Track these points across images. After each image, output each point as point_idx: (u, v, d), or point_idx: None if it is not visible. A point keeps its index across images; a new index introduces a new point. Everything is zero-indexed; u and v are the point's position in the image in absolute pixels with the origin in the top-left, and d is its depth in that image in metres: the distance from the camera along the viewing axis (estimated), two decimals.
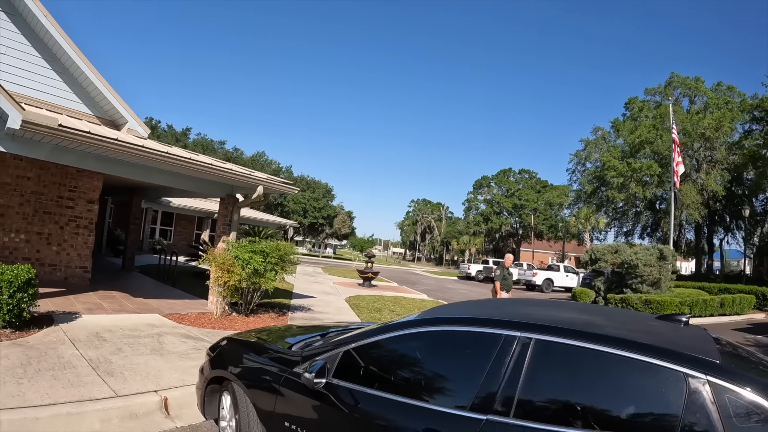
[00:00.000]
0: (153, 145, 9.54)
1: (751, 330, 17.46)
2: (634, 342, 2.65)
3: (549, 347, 2.79)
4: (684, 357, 2.47)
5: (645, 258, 20.26)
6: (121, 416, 4.68)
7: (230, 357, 4.37)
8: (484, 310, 3.68)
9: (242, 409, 3.85)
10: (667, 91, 47.83)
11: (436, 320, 3.47)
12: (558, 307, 4.17)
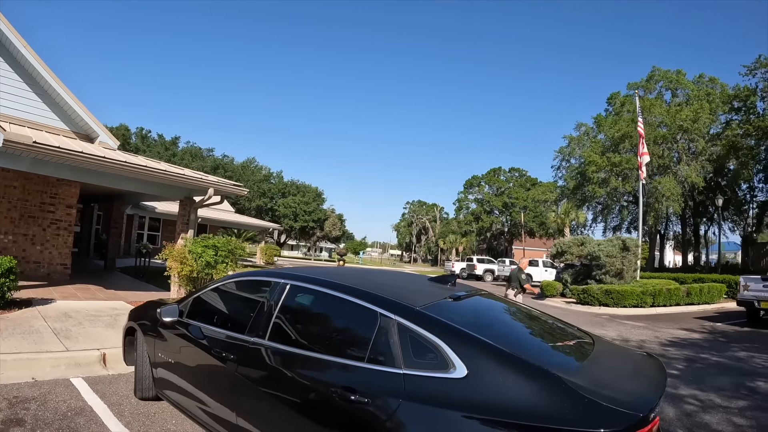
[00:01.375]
0: (115, 156, 10.97)
1: (713, 318, 17.92)
2: (354, 289, 3.52)
3: (299, 289, 3.87)
4: (383, 301, 3.27)
5: (607, 249, 20.82)
6: (68, 364, 6.29)
7: (138, 312, 5.71)
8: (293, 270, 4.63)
9: (139, 349, 5.27)
10: (649, 85, 48.20)
11: (243, 274, 4.77)
12: (366, 272, 5.30)
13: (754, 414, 6.53)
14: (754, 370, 9.37)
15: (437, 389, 2.72)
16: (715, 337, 13.46)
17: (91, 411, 4.98)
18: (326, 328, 3.77)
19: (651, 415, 2.46)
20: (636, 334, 13.53)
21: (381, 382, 2.88)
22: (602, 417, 2.35)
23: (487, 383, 2.66)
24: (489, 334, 3.04)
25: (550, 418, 2.39)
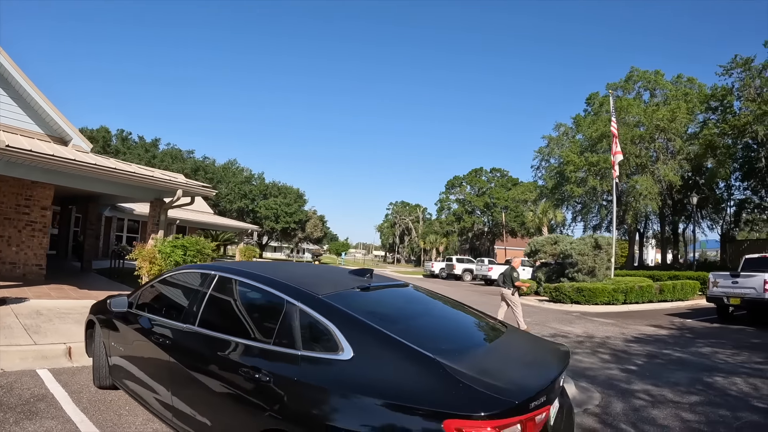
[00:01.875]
0: (86, 158, 11.27)
1: (685, 315, 17.89)
2: (268, 279, 3.85)
3: (226, 280, 4.18)
4: (290, 290, 3.59)
5: (579, 248, 20.80)
6: (35, 357, 6.58)
7: (97, 306, 5.91)
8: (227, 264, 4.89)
9: (97, 340, 5.59)
10: (628, 85, 48.54)
11: (183, 267, 5.16)
12: (292, 265, 5.69)
13: (704, 409, 6.41)
14: (714, 365, 9.28)
15: (327, 369, 3.00)
16: (682, 333, 13.40)
17: (52, 398, 5.37)
18: (244, 314, 4.02)
19: (531, 404, 2.60)
20: (602, 330, 13.44)
21: (282, 362, 3.19)
22: (475, 402, 2.49)
23: (371, 365, 2.90)
24: (381, 321, 3.28)
25: (426, 400, 2.56)
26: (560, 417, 3.31)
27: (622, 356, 9.87)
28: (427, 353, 2.84)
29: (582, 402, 6.58)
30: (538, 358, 3.63)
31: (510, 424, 2.48)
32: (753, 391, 7.42)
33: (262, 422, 3.08)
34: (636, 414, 6.14)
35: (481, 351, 3.44)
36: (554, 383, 3.03)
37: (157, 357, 4.27)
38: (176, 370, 3.99)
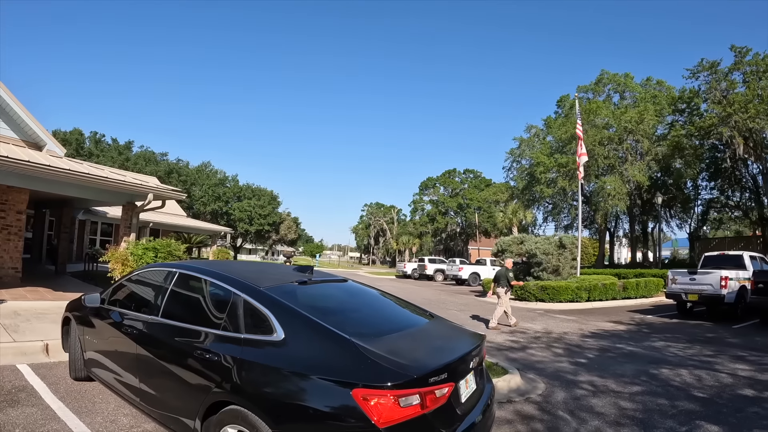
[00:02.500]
0: (60, 164, 11.61)
1: (647, 311, 18.27)
2: (219, 274, 4.38)
3: (186, 277, 4.69)
4: (236, 283, 4.10)
5: (544, 247, 21.04)
6: (14, 353, 6.92)
7: (73, 304, 6.34)
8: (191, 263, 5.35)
9: (72, 335, 6.04)
10: (598, 87, 49.13)
11: (149, 265, 5.60)
12: (243, 263, 6.08)
13: (643, 398, 6.62)
14: (664, 358, 9.54)
15: (263, 349, 3.53)
16: (640, 329, 13.68)
17: (32, 389, 5.75)
18: (199, 305, 4.45)
19: (430, 379, 3.07)
20: (561, 327, 13.69)
21: (228, 344, 3.71)
22: (379, 375, 2.96)
23: (299, 345, 3.41)
24: (311, 309, 3.77)
25: (339, 373, 3.06)
26: (475, 396, 3.80)
27: (575, 350, 10.10)
28: (344, 335, 3.34)
29: (526, 391, 6.80)
30: (447, 343, 4.06)
31: (409, 394, 2.94)
32: (696, 381, 7.66)
33: (215, 394, 3.58)
34: (576, 402, 6.35)
35: (397, 335, 3.83)
36: (457, 364, 3.49)
37: (127, 346, 4.73)
38: (143, 357, 4.48)
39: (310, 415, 3.04)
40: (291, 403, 3.12)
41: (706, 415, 5.94)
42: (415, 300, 14.58)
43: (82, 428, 4.71)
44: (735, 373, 8.33)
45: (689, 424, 5.59)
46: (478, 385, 3.93)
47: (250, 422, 3.25)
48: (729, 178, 41.99)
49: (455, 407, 3.36)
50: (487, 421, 3.85)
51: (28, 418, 4.86)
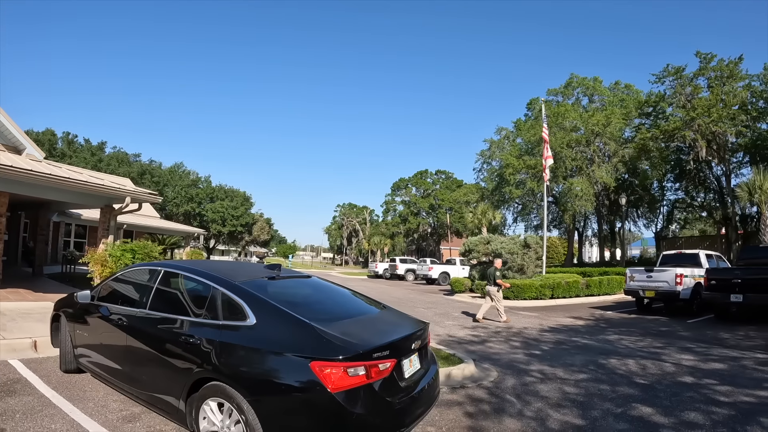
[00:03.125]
0: (42, 168, 12.06)
1: (608, 307, 18.92)
2: (200, 271, 5.06)
3: (170, 274, 5.35)
4: (214, 279, 4.76)
5: (509, 247, 21.60)
6: (5, 350, 7.36)
7: (62, 302, 6.91)
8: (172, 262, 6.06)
9: (62, 330, 6.56)
10: (567, 91, 50.02)
11: (135, 265, 6.46)
12: (219, 262, 6.56)
13: (587, 384, 7.08)
14: (614, 350, 10.05)
15: (238, 332, 4.18)
16: (597, 323, 14.24)
17: (26, 380, 6.21)
18: (183, 297, 5.06)
19: (374, 354, 3.79)
20: (522, 322, 14.21)
21: (209, 329, 4.36)
22: (332, 350, 3.69)
23: (268, 328, 4.10)
24: (278, 299, 4.45)
25: (301, 350, 3.75)
26: (420, 374, 4.49)
27: (532, 343, 10.57)
28: (304, 320, 4.06)
29: (479, 378, 7.27)
30: (391, 327, 4.72)
31: (356, 365, 3.64)
32: (640, 370, 8.16)
33: (198, 372, 4.22)
34: (523, 388, 6.82)
35: (349, 321, 4.58)
36: (399, 343, 4.21)
37: (117, 338, 5.34)
38: (133, 346, 5.07)
39: (277, 384, 3.75)
40: (261, 375, 3.84)
41: (642, 398, 6.40)
42: (385, 299, 15.04)
43: (77, 413, 5.17)
44: (679, 362, 8.82)
45: (625, 405, 6.04)
46: (422, 366, 4.62)
47: (228, 394, 3.92)
48: (693, 180, 43.00)
49: (398, 380, 4.06)
50: (430, 395, 4.53)
51: (26, 405, 5.32)
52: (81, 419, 5.01)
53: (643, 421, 5.47)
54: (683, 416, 5.68)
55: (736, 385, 7.22)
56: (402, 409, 4.01)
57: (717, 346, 10.59)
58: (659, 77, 41.72)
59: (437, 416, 5.59)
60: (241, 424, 3.86)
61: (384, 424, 3.87)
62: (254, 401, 3.79)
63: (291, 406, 3.70)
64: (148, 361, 4.84)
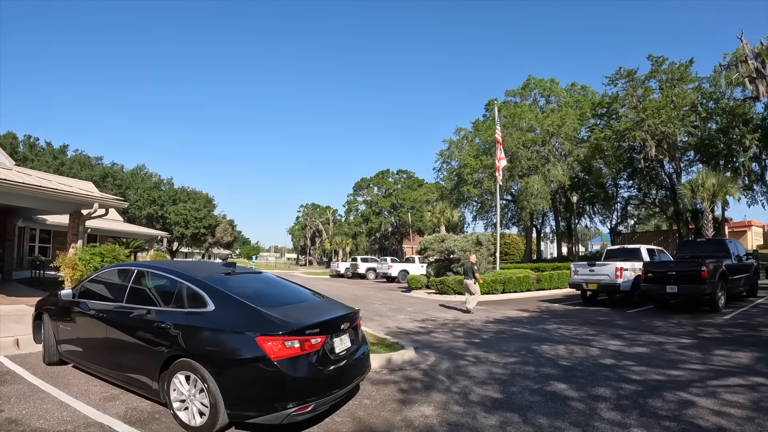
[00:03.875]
0: (16, 177, 12.87)
1: (556, 300, 19.85)
2: (169, 269, 6.06)
3: (143, 272, 6.30)
4: (181, 275, 5.74)
5: (461, 245, 22.41)
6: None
7: (43, 301, 7.80)
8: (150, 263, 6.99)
9: (45, 327, 7.37)
10: (525, 92, 51.27)
11: (111, 266, 7.23)
12: (186, 261, 7.90)
13: (515, 366, 7.82)
14: (549, 337, 10.81)
15: (201, 316, 5.15)
16: (541, 315, 15.04)
17: (14, 372, 6.95)
18: (155, 291, 6.00)
19: (306, 331, 4.82)
20: (470, 315, 14.97)
21: (176, 316, 5.31)
22: (273, 328, 4.71)
23: (224, 312, 5.10)
24: (232, 290, 5.45)
25: (250, 328, 4.76)
26: (350, 351, 5.48)
27: (474, 333, 11.31)
28: (252, 305, 5.12)
29: (417, 362, 8.04)
30: (324, 312, 5.65)
31: (292, 339, 4.67)
32: (567, 354, 8.90)
33: (168, 352, 5.12)
34: (456, 369, 7.55)
35: (290, 306, 5.63)
36: (328, 323, 5.23)
37: (97, 329, 6.20)
38: (112, 335, 5.93)
39: (232, 356, 4.75)
40: (219, 350, 4.82)
41: (560, 377, 7.11)
42: (343, 297, 15.66)
43: (64, 396, 5.96)
44: (606, 347, 9.57)
45: (543, 383, 6.75)
46: (353, 344, 5.65)
47: (193, 367, 4.84)
48: (646, 177, 44.51)
49: (329, 354, 5.05)
50: (360, 368, 5.59)
51: (18, 392, 6.08)
52: (68, 400, 5.77)
53: (555, 395, 6.16)
54: (593, 391, 6.36)
55: (652, 365, 7.89)
56: (332, 377, 4.98)
57: (647, 333, 11.33)
58: (612, 79, 43.13)
59: (374, 392, 6.35)
60: (204, 392, 4.76)
61: (317, 388, 4.77)
62: (214, 371, 4.72)
63: (243, 373, 4.66)
64: (126, 346, 5.70)
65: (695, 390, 6.45)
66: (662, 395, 6.22)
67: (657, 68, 40.37)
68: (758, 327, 11.92)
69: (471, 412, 5.51)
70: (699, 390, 6.45)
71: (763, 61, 31.67)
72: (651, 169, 42.87)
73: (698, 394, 6.27)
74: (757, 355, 8.70)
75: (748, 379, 7.03)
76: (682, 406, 5.73)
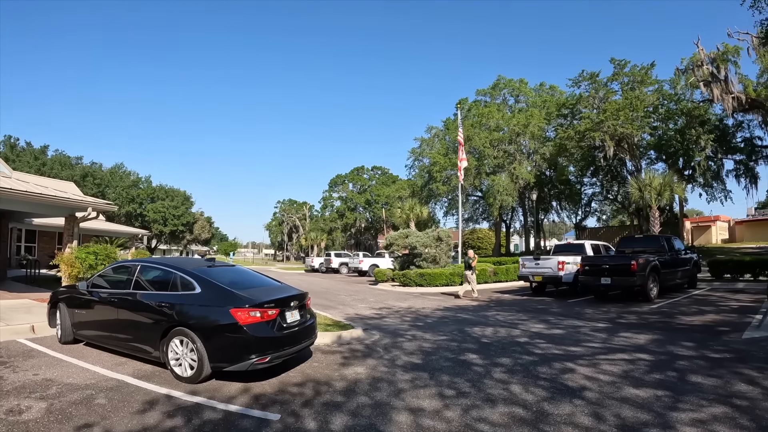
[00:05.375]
0: (19, 186, 14.43)
1: (509, 291, 21.67)
2: (166, 263, 8.11)
3: (145, 267, 8.12)
4: (176, 267, 7.67)
5: (423, 240, 24.17)
6: (11, 333, 9.63)
7: (57, 293, 9.50)
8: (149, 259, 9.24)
9: (62, 313, 9.00)
10: (495, 92, 52.99)
11: (118, 262, 9.36)
12: (176, 258, 9.81)
13: (441, 342, 9.61)
14: (484, 321, 12.48)
15: (191, 296, 7.00)
16: (488, 304, 16.80)
17: (37, 350, 8.59)
18: (155, 280, 7.75)
19: (264, 305, 6.76)
20: (424, 304, 16.74)
21: (173, 297, 7.15)
22: (242, 302, 6.70)
23: (207, 293, 6.97)
24: (213, 277, 7.35)
25: (225, 303, 6.72)
26: (299, 321, 7.42)
27: (420, 318, 13.12)
28: (227, 288, 7.07)
29: (363, 339, 9.95)
30: (280, 293, 7.58)
31: (254, 310, 6.60)
32: (492, 334, 10.56)
33: (167, 323, 6.95)
34: (393, 344, 9.39)
35: (254, 289, 7.52)
36: (281, 300, 7.15)
37: (108, 311, 7.92)
38: (122, 315, 7.67)
39: (213, 323, 6.60)
40: (204, 319, 6.67)
41: (476, 350, 8.82)
42: (312, 289, 17.47)
43: (82, 363, 7.66)
44: (528, 329, 11.15)
45: (459, 354, 8.50)
46: (302, 317, 7.56)
47: (186, 333, 6.70)
48: (607, 175, 46.59)
49: (282, 322, 6.98)
50: (306, 335, 7.54)
51: (45, 362, 7.72)
52: (87, 366, 7.51)
53: (464, 362, 7.87)
54: (496, 360, 8.01)
55: (558, 343, 9.37)
56: (284, 338, 6.90)
57: (572, 319, 12.78)
58: (575, 81, 45.25)
59: (323, 358, 8.20)
60: (194, 351, 6.59)
61: (272, 345, 6.66)
62: (201, 335, 6.56)
63: (220, 335, 6.53)
64: (133, 322, 7.47)
65: (582, 362, 7.77)
66: (551, 364, 7.59)
67: (619, 71, 42.45)
68: (675, 315, 13.14)
69: (392, 371, 7.28)
70: (585, 362, 7.77)
71: (718, 66, 33.67)
72: (612, 167, 44.97)
73: (582, 364, 7.58)
74: (655, 338, 9.87)
75: (633, 355, 8.26)
76: (562, 372, 7.10)
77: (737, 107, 34.11)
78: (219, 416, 5.30)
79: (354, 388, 6.37)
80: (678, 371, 7.12)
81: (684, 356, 8.13)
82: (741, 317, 12.29)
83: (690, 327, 11.13)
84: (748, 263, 22.99)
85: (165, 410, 5.47)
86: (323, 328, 10.17)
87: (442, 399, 5.86)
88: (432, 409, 5.47)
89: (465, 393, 6.10)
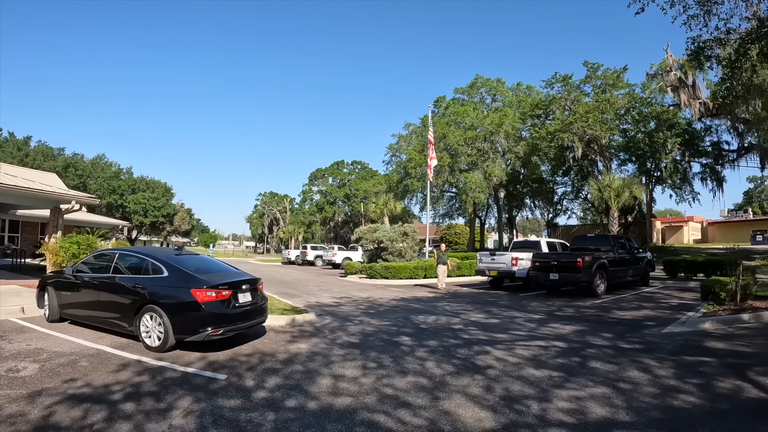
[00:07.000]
0: (8, 180, 15.42)
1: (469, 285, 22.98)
2: (141, 251, 9.64)
3: (122, 254, 9.55)
4: (148, 255, 9.16)
5: (389, 235, 25.51)
6: (2, 313, 10.74)
7: (45, 278, 10.78)
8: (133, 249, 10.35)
9: (49, 295, 10.20)
10: (472, 90, 54.38)
11: (99, 251, 11.07)
12: (152, 248, 11.26)
13: (383, 327, 10.88)
14: (431, 311, 13.59)
15: (160, 279, 8.40)
16: (444, 296, 18.04)
17: (27, 327, 9.80)
18: (131, 265, 9.00)
19: (219, 286, 8.17)
20: (383, 295, 17.99)
21: (145, 280, 8.51)
22: (201, 284, 8.10)
23: (173, 276, 8.36)
24: (179, 264, 8.71)
25: (188, 284, 8.11)
26: (251, 301, 8.78)
27: (374, 307, 14.37)
28: (189, 272, 8.42)
29: (314, 322, 11.31)
30: (234, 277, 8.84)
31: (211, 291, 8.00)
32: (432, 322, 11.64)
33: (140, 301, 8.22)
34: (339, 327, 10.75)
35: (213, 273, 8.79)
36: (234, 283, 8.46)
37: (90, 294, 9.20)
38: (102, 297, 8.94)
39: (177, 301, 7.90)
40: (170, 298, 7.96)
41: (411, 334, 9.99)
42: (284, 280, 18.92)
43: (68, 337, 8.91)
44: (468, 318, 12.12)
45: (394, 336, 9.75)
46: (254, 298, 8.89)
47: (155, 309, 7.94)
48: (578, 174, 48.08)
49: (234, 302, 8.31)
50: (257, 314, 8.89)
51: (35, 336, 8.93)
52: (72, 339, 8.74)
53: (395, 343, 9.07)
54: (424, 342, 9.04)
55: (488, 330, 10.27)
56: (237, 315, 8.24)
57: (513, 311, 13.57)
58: (549, 83, 46.70)
59: (274, 336, 9.56)
60: (161, 324, 7.83)
61: (225, 321, 7.96)
62: (167, 311, 7.81)
63: (183, 311, 7.82)
64: (112, 302, 8.69)
65: (500, 346, 8.52)
66: (472, 347, 8.43)
67: (592, 74, 43.83)
68: (612, 310, 13.72)
69: (330, 347, 8.59)
70: (503, 347, 8.50)
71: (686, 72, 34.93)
72: (583, 167, 46.52)
73: (500, 348, 8.32)
74: (580, 329, 10.48)
75: (550, 342, 8.93)
76: (478, 354, 7.90)
77: (704, 112, 35.38)
78: (178, 375, 6.59)
79: (293, 359, 7.59)
80: (582, 357, 7.75)
81: (596, 345, 8.74)
82: (674, 313, 12.73)
83: (619, 321, 11.72)
84: (701, 263, 23.86)
85: (135, 370, 6.77)
86: (281, 312, 11.57)
87: (363, 369, 7.04)
88: (351, 376, 6.68)
89: (384, 366, 7.25)
